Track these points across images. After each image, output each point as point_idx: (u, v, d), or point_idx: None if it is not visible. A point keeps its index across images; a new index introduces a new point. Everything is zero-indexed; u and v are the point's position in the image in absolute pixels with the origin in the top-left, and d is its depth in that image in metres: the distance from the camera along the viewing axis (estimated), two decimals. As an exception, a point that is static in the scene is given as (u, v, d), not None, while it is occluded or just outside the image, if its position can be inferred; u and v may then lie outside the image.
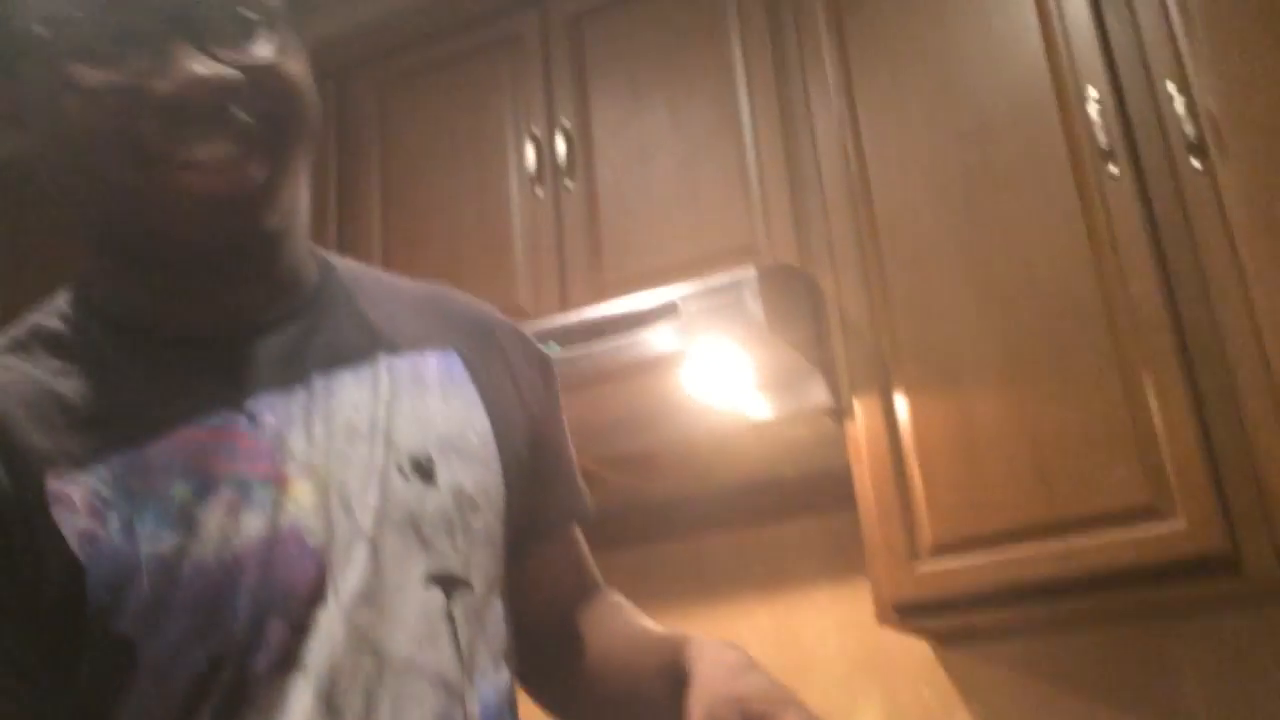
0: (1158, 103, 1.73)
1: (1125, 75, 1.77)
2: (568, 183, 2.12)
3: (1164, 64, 1.74)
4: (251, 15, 0.72)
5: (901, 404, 1.75)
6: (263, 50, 0.72)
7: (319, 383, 0.77)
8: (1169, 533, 1.55)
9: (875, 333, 1.80)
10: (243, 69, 0.71)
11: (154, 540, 0.67)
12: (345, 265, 0.89)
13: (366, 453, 0.76)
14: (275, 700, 0.68)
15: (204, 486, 0.69)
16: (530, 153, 2.16)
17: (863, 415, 1.77)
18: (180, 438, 0.71)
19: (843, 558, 2.01)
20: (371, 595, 0.72)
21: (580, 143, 2.14)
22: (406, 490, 0.76)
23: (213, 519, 0.69)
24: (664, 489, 2.15)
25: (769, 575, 2.10)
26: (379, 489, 0.75)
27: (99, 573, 0.66)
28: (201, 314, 0.77)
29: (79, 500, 0.67)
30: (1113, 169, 1.72)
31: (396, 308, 0.87)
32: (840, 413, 1.81)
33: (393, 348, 0.82)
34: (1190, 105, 1.70)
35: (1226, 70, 1.70)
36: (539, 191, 2.14)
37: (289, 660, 0.69)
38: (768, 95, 2.02)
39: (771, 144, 1.98)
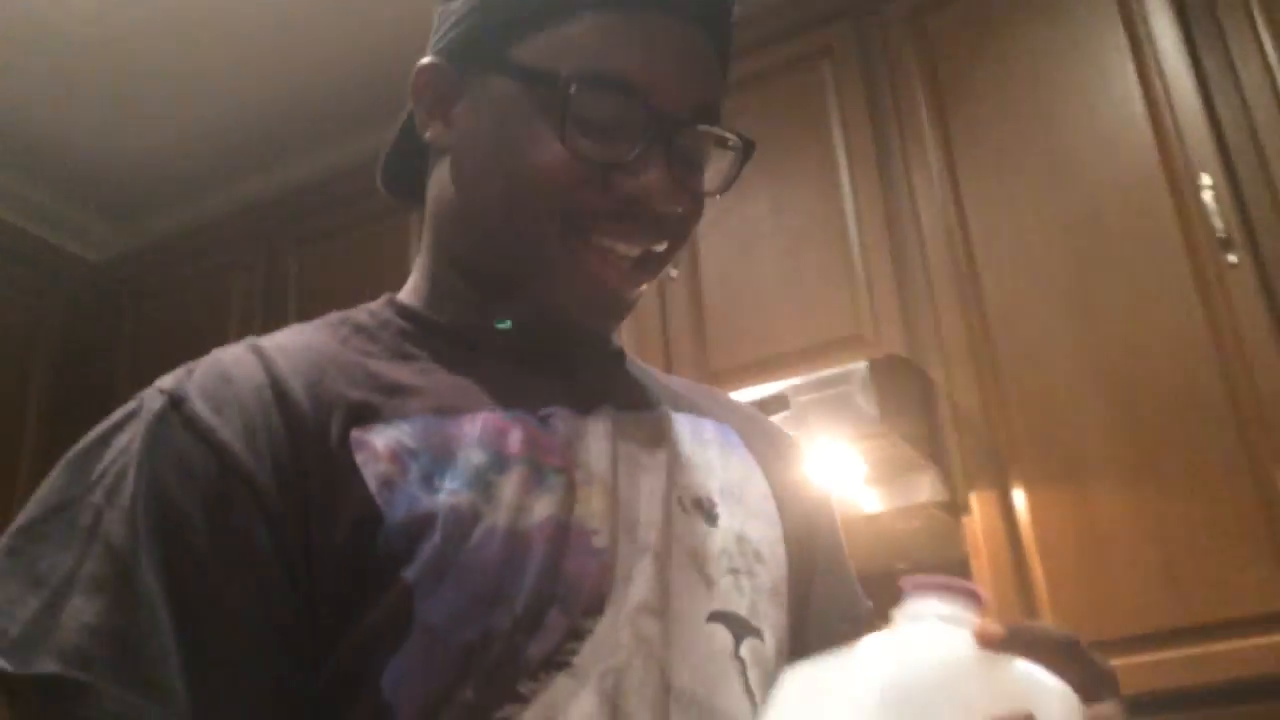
0: (1274, 188, 1.71)
1: (1239, 161, 1.75)
2: (672, 272, 2.15)
3: (1278, 149, 1.72)
4: (719, 144, 0.77)
5: (1020, 499, 1.73)
6: (709, 181, 0.77)
7: (608, 413, 0.77)
8: (1309, 640, 1.50)
9: (990, 425, 1.78)
10: (686, 197, 0.75)
11: (452, 495, 0.67)
12: None
13: (651, 481, 0.75)
14: (544, 696, 0.64)
15: (501, 461, 0.69)
16: (634, 243, 2.19)
17: (979, 510, 1.76)
18: (480, 416, 0.72)
19: (958, 653, 1.97)
20: (659, 611, 0.69)
21: (683, 232, 2.17)
22: (688, 525, 0.75)
23: (509, 489, 0.68)
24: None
25: (880, 669, 2.06)
26: (663, 514, 0.73)
27: (395, 518, 0.65)
28: (517, 340, 0.79)
29: (382, 447, 0.68)
30: (1231, 258, 1.69)
31: (669, 384, 0.89)
32: (955, 507, 1.79)
33: (675, 406, 0.84)
34: (1309, 190, 1.68)
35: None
36: (643, 281, 2.17)
37: (559, 659, 0.65)
38: (871, 186, 2.03)
39: (876, 234, 1.99)
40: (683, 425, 0.82)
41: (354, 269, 2.52)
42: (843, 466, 1.78)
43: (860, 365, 1.70)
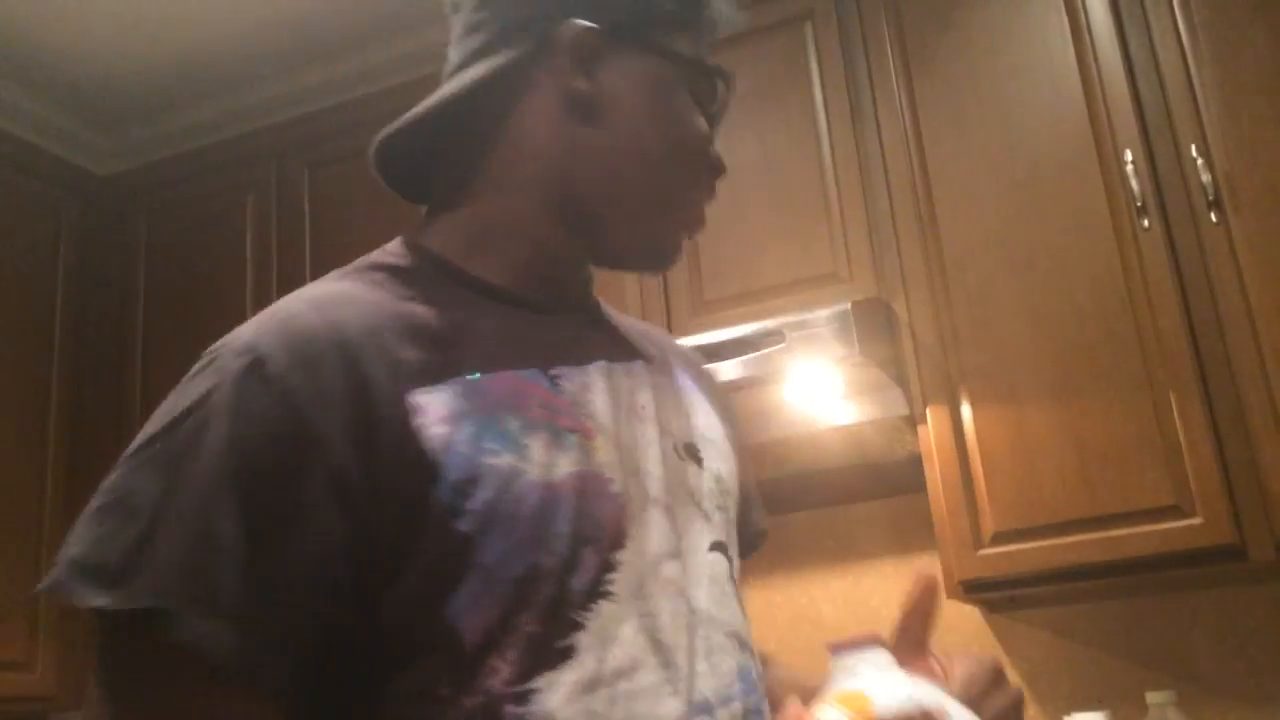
0: (1182, 164, 2.04)
1: (1155, 139, 2.06)
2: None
3: (1188, 130, 2.03)
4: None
5: (967, 413, 2.09)
6: None
7: (603, 367, 0.86)
8: (1188, 527, 1.88)
9: (944, 353, 2.13)
10: None
11: (495, 455, 0.74)
12: None
13: (647, 431, 0.84)
14: (595, 621, 0.74)
15: (526, 424, 0.77)
16: (635, 182, 2.46)
17: (933, 422, 2.10)
18: (506, 378, 0.78)
19: (907, 535, 2.38)
20: (675, 553, 0.80)
21: (678, 174, 2.44)
22: (684, 469, 0.85)
23: (537, 449, 0.76)
24: (760, 475, 2.48)
25: (840, 548, 2.48)
26: (660, 463, 0.83)
27: (450, 475, 0.72)
28: (533, 287, 0.87)
29: (437, 411, 0.74)
30: (1145, 222, 2.04)
31: (629, 331, 0.97)
32: (914, 419, 2.15)
33: (647, 358, 0.92)
34: (1210, 166, 2.01)
35: (1240, 137, 2.00)
36: (643, 217, 2.45)
37: (599, 589, 0.75)
38: (846, 140, 2.30)
39: (850, 184, 2.27)
40: (658, 375, 0.91)
41: (366, 186, 2.69)
42: (825, 387, 2.13)
43: (844, 306, 2.03)
